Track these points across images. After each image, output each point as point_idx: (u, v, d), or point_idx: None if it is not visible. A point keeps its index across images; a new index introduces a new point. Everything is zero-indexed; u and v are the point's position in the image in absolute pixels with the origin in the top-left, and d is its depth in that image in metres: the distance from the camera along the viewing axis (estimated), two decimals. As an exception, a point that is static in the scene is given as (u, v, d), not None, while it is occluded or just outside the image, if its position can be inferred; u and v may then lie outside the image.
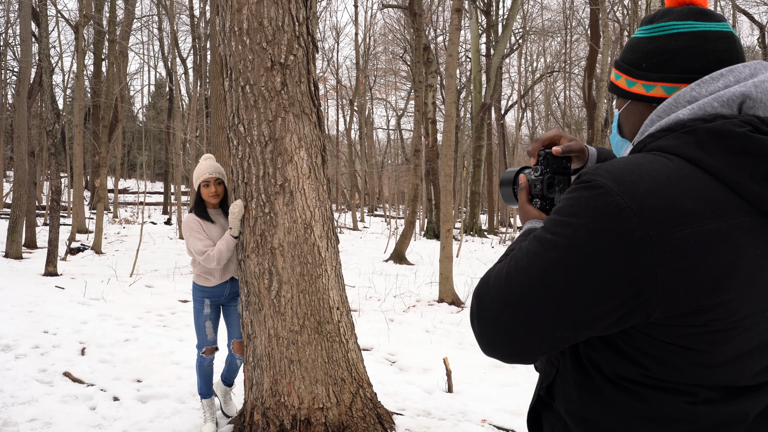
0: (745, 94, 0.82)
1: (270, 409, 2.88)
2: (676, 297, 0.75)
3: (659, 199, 0.75)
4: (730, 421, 0.82)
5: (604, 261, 0.76)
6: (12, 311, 5.56)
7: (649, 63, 0.91)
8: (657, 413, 0.83)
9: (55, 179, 8.22)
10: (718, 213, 0.76)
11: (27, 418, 3.38)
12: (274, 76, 2.82)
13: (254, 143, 2.84)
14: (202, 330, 3.29)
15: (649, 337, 0.81)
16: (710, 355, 0.80)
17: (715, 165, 0.78)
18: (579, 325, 0.81)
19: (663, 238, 0.74)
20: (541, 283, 0.81)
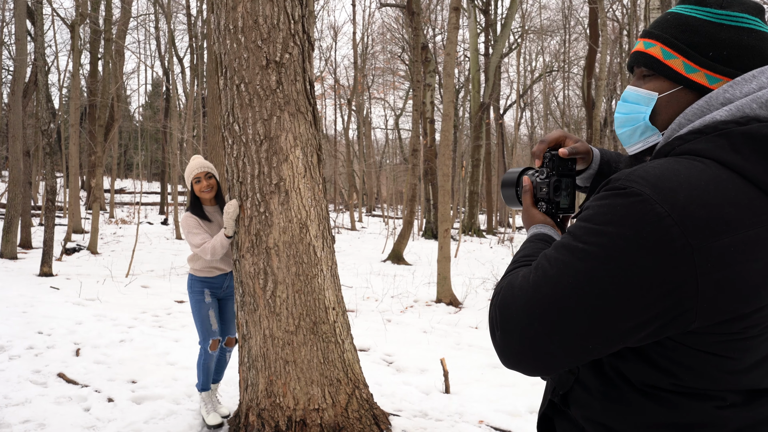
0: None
1: (265, 410, 2.85)
2: (715, 306, 0.73)
3: (699, 208, 0.73)
4: (754, 424, 0.81)
5: (643, 271, 0.73)
6: (6, 312, 5.52)
7: (719, 53, 0.84)
8: (685, 419, 0.81)
9: (51, 179, 8.18)
10: (757, 220, 0.74)
11: (20, 420, 3.35)
12: (269, 74, 2.79)
13: (249, 142, 2.81)
14: (206, 320, 3.27)
15: (684, 346, 0.79)
16: (740, 361, 0.79)
17: (752, 170, 0.76)
18: (613, 337, 0.78)
19: (704, 247, 0.72)
20: (573, 295, 0.77)
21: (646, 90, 0.92)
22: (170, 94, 23.06)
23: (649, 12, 9.91)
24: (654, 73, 0.91)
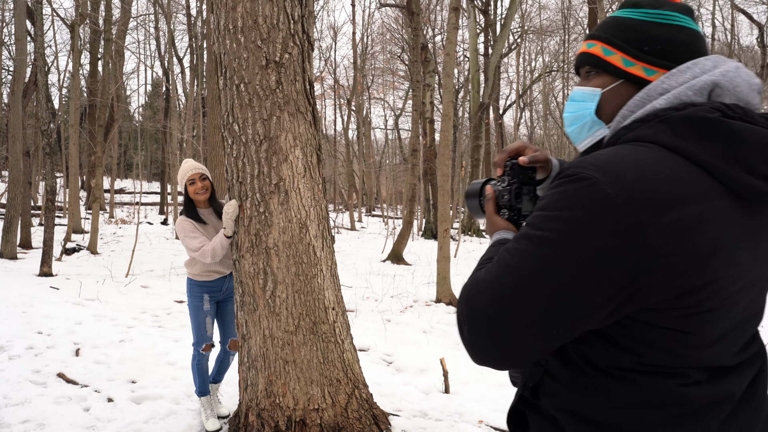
0: (714, 83, 0.86)
1: (265, 410, 2.85)
2: (668, 279, 0.77)
3: (646, 187, 0.77)
4: (718, 402, 0.84)
5: (598, 251, 0.77)
6: (6, 312, 5.52)
7: (654, 48, 0.91)
8: (650, 398, 0.83)
9: (51, 179, 8.17)
10: (700, 196, 0.79)
11: (20, 420, 3.35)
12: (269, 74, 2.79)
13: (249, 142, 2.81)
14: (202, 326, 3.28)
15: (643, 324, 0.82)
16: (700, 336, 0.82)
17: (691, 150, 0.81)
18: (577, 319, 0.80)
19: (653, 223, 0.76)
20: (534, 281, 0.80)
21: (591, 87, 0.98)
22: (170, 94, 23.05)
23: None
24: (597, 70, 0.97)
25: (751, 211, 0.84)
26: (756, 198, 0.83)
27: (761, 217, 0.86)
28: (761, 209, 0.86)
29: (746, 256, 0.83)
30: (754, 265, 0.85)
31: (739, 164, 0.81)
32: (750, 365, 0.89)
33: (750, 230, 0.83)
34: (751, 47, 28.65)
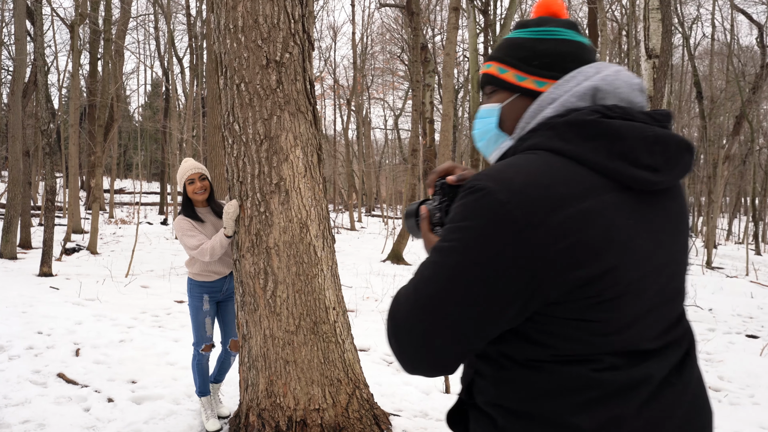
0: (595, 87, 0.93)
1: (265, 411, 2.85)
2: (565, 273, 0.82)
3: (534, 189, 0.83)
4: (634, 385, 0.87)
5: (497, 254, 0.82)
6: (6, 312, 5.51)
7: (542, 62, 0.99)
8: (566, 385, 0.87)
9: (50, 179, 8.16)
10: (587, 193, 0.84)
11: (20, 420, 3.34)
12: (269, 74, 2.79)
13: (249, 142, 2.81)
14: (201, 327, 3.27)
15: (551, 317, 0.86)
16: (607, 323, 0.86)
17: (576, 151, 0.87)
18: (488, 320, 0.86)
19: (544, 222, 0.81)
20: (446, 289, 0.86)
21: (491, 104, 1.07)
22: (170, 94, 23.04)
23: (649, 12, 9.91)
24: (495, 88, 1.06)
25: (647, 200, 0.90)
26: (647, 187, 0.88)
27: (659, 204, 0.92)
28: (658, 197, 0.92)
29: (647, 243, 0.88)
30: (658, 251, 0.90)
31: (623, 159, 0.86)
32: (674, 348, 0.93)
33: (648, 218, 0.89)
34: (751, 47, 28.65)
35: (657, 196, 0.92)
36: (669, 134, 0.90)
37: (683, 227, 0.97)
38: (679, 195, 0.98)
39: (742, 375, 4.63)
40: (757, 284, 11.06)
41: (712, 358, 5.16)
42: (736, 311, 7.68)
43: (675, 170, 0.90)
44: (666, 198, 0.94)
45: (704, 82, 22.67)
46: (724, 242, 27.45)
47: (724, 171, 19.01)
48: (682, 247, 0.96)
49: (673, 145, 0.90)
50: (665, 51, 7.10)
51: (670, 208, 0.94)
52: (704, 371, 4.71)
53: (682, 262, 0.97)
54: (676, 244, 0.94)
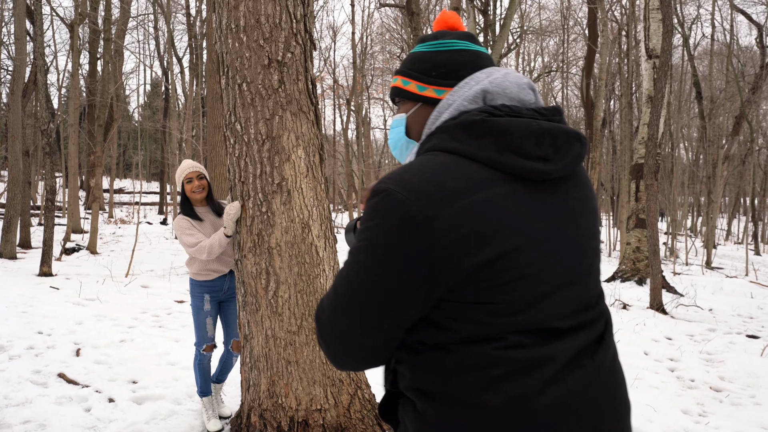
0: (484, 90, 1.01)
1: (267, 411, 2.84)
2: (461, 260, 0.89)
3: (429, 187, 0.91)
4: (540, 363, 0.92)
5: (400, 248, 0.90)
6: (6, 312, 5.50)
7: (439, 71, 1.08)
8: (472, 364, 0.93)
9: (50, 179, 8.15)
10: (478, 186, 0.92)
11: (21, 420, 3.34)
12: (271, 73, 2.78)
13: (251, 141, 2.80)
14: (203, 327, 3.27)
15: (454, 303, 0.93)
16: (508, 304, 0.92)
17: (468, 149, 0.95)
18: (399, 311, 0.93)
19: (439, 215, 0.89)
20: (359, 285, 0.93)
21: (400, 114, 1.16)
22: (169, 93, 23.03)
23: (649, 12, 9.91)
24: (401, 99, 1.15)
25: (543, 189, 0.97)
26: (539, 177, 0.96)
27: (557, 192, 0.99)
28: (555, 185, 0.99)
29: (543, 228, 0.94)
30: (557, 235, 0.96)
31: (513, 152, 0.94)
32: (586, 330, 0.99)
33: (545, 206, 0.96)
34: (750, 47, 28.65)
35: (554, 185, 0.99)
36: (556, 126, 0.98)
37: (587, 213, 1.03)
38: (581, 183, 1.05)
39: (743, 375, 4.63)
40: (757, 284, 11.06)
41: (712, 358, 5.16)
42: (736, 311, 7.68)
43: (565, 159, 0.98)
44: (564, 186, 1.01)
45: (704, 83, 22.68)
46: (723, 242, 27.47)
47: (724, 171, 19.02)
48: (586, 232, 1.02)
49: (561, 136, 0.98)
50: (666, 51, 7.09)
51: (570, 195, 1.01)
52: (705, 371, 4.71)
53: (589, 246, 1.02)
54: (579, 228, 1.01)
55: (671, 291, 8.98)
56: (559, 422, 0.91)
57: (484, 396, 0.92)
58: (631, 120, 17.27)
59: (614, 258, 16.98)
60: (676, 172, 22.64)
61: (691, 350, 5.38)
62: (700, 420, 3.66)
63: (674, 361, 4.99)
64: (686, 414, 3.77)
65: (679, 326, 6.44)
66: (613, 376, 1.00)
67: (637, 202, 9.89)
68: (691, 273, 13.20)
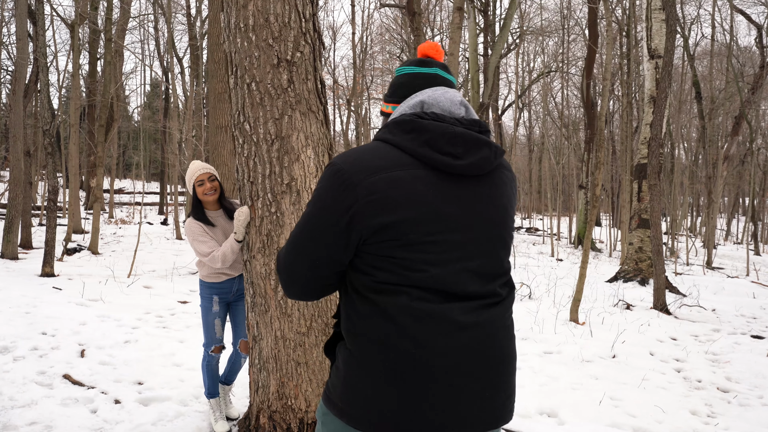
0: (421, 101, 1.30)
1: (277, 413, 2.82)
2: (372, 218, 1.18)
3: (361, 161, 1.22)
4: (437, 317, 1.18)
5: (331, 203, 1.22)
6: (9, 312, 5.48)
7: (396, 92, 1.40)
8: (385, 311, 1.19)
9: (52, 179, 8.12)
10: (398, 166, 1.21)
11: (27, 422, 3.32)
12: (280, 73, 2.77)
13: (260, 141, 2.79)
14: (211, 328, 3.25)
15: (369, 253, 1.22)
16: (410, 261, 1.19)
17: (396, 140, 1.25)
18: (330, 251, 1.23)
19: (362, 182, 1.19)
20: (302, 230, 1.27)
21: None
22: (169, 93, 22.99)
23: (651, 12, 9.90)
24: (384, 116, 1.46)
25: (456, 180, 1.23)
26: (449, 169, 1.22)
27: (469, 185, 1.25)
28: (465, 180, 1.25)
29: (447, 208, 1.20)
30: (460, 218, 1.22)
31: (430, 147, 1.21)
32: (483, 298, 1.24)
33: (452, 192, 1.22)
34: (749, 48, 28.64)
35: (466, 180, 1.25)
36: (469, 133, 1.24)
37: (495, 207, 1.28)
38: (495, 185, 1.29)
39: (750, 376, 4.62)
40: (759, 284, 11.06)
41: (718, 359, 5.15)
42: (739, 311, 7.67)
43: (472, 159, 1.23)
44: (475, 183, 1.26)
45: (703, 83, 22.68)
46: (723, 242, 27.47)
47: (723, 171, 19.02)
48: (490, 221, 1.26)
49: (471, 141, 1.24)
50: (669, 51, 7.08)
51: (480, 190, 1.26)
52: (712, 372, 4.70)
53: (492, 232, 1.27)
54: (483, 217, 1.25)
55: (674, 291, 8.97)
56: (449, 363, 1.17)
57: (393, 339, 1.18)
58: (630, 120, 17.25)
59: (615, 258, 16.97)
60: (676, 172, 22.64)
61: (696, 351, 5.37)
62: (709, 421, 3.65)
63: (680, 362, 4.98)
64: (695, 415, 3.76)
65: (683, 326, 6.43)
66: (500, 335, 1.25)
67: (639, 203, 9.88)
68: (693, 273, 13.20)
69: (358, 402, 1.21)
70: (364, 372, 1.21)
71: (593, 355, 4.98)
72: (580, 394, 3.99)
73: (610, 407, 3.77)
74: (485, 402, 1.21)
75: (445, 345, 1.17)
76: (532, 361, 4.75)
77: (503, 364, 1.25)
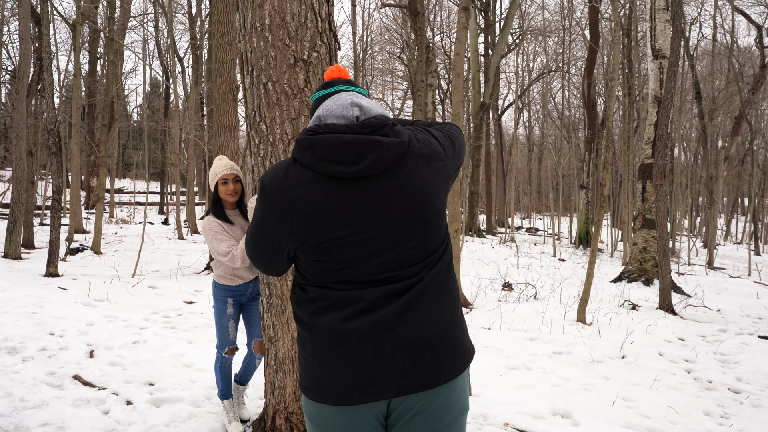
0: (318, 116, 1.45)
1: (294, 414, 2.81)
2: (292, 232, 1.38)
3: (275, 180, 1.41)
4: (351, 300, 1.38)
5: (261, 215, 1.44)
6: (16, 312, 5.45)
7: (311, 120, 1.52)
8: (312, 298, 1.43)
9: (57, 179, 8.10)
10: (302, 183, 1.37)
11: (39, 423, 3.30)
12: (297, 73, 2.75)
13: (276, 141, 2.77)
14: (225, 330, 3.22)
15: (300, 259, 1.45)
16: (333, 263, 1.38)
17: (300, 157, 1.39)
18: (267, 251, 1.47)
19: (277, 200, 1.39)
20: (250, 233, 1.52)
21: None
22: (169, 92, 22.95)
23: (655, 12, 9.90)
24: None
25: (355, 183, 1.35)
26: (348, 175, 1.34)
27: (370, 184, 1.35)
28: (368, 180, 1.35)
29: (354, 214, 1.34)
30: (367, 217, 1.34)
31: (325, 159, 1.34)
32: (400, 281, 1.38)
33: (357, 195, 1.34)
34: (749, 48, 28.67)
35: (368, 180, 1.35)
36: (358, 138, 1.34)
37: (403, 197, 1.36)
38: (404, 173, 1.37)
39: (760, 377, 4.62)
40: (762, 285, 11.06)
41: (727, 359, 5.15)
42: (744, 312, 7.67)
43: (368, 161, 1.33)
44: (379, 180, 1.35)
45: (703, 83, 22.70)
46: (722, 242, 27.51)
47: (723, 171, 19.03)
48: (400, 211, 1.36)
49: (363, 145, 1.33)
50: (675, 51, 7.07)
51: (385, 185, 1.35)
52: (722, 372, 4.70)
53: (405, 222, 1.37)
54: (392, 209, 1.35)
55: (678, 291, 8.98)
56: (363, 340, 1.35)
57: (317, 319, 1.41)
58: (631, 120, 17.25)
59: (616, 258, 16.97)
60: (676, 172, 22.66)
61: (705, 351, 5.37)
62: (723, 422, 3.65)
63: (689, 362, 4.98)
64: (708, 416, 3.75)
65: (690, 327, 6.43)
66: (422, 313, 1.38)
67: (643, 203, 9.88)
68: (695, 273, 13.20)
69: (303, 373, 1.47)
70: (302, 348, 1.48)
71: (603, 356, 4.97)
72: (592, 395, 3.98)
73: (624, 408, 3.77)
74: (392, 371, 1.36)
75: (359, 323, 1.36)
76: (542, 361, 4.74)
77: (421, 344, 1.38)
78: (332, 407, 1.39)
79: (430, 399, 1.39)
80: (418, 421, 1.40)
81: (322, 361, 1.40)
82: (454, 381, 1.42)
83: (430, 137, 1.49)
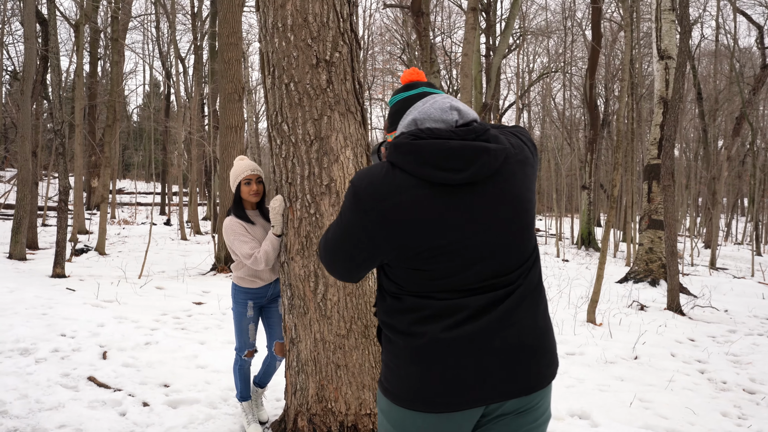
0: (413, 118, 1.40)
1: (317, 416, 2.80)
2: (389, 241, 1.34)
3: (372, 185, 1.35)
4: (454, 309, 1.34)
5: (351, 220, 1.38)
6: (26, 314, 5.43)
7: (390, 122, 1.53)
8: (412, 307, 1.38)
9: (63, 179, 8.08)
10: (403, 189, 1.32)
11: (56, 424, 3.29)
12: (319, 73, 2.74)
13: (299, 142, 2.76)
14: (245, 333, 3.21)
15: (396, 267, 1.39)
16: (433, 272, 1.34)
17: (399, 162, 1.34)
18: (356, 258, 1.41)
19: (374, 207, 1.33)
20: (334, 237, 1.45)
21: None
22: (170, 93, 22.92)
23: (661, 12, 9.90)
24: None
25: (459, 190, 1.31)
26: (452, 183, 1.30)
27: (473, 190, 1.32)
28: (473, 186, 1.32)
29: (458, 221, 1.31)
30: (470, 224, 1.31)
31: (430, 165, 1.29)
32: (500, 288, 1.36)
33: (461, 202, 1.31)
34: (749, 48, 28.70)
35: (473, 186, 1.32)
36: (466, 145, 1.30)
37: (506, 202, 1.34)
38: (505, 179, 1.35)
39: (774, 377, 4.61)
40: (766, 285, 11.06)
41: (739, 360, 5.15)
42: (752, 312, 7.67)
43: (474, 169, 1.30)
44: (483, 186, 1.33)
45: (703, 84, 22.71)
46: (723, 243, 27.53)
47: (724, 171, 19.04)
48: (500, 218, 1.34)
49: (469, 152, 1.29)
50: (683, 52, 7.07)
51: (488, 192, 1.33)
52: (735, 373, 4.69)
53: (510, 230, 1.35)
54: (493, 217, 1.33)
55: (685, 292, 8.97)
56: (466, 348, 1.33)
57: (417, 328, 1.36)
58: (633, 121, 17.26)
59: (619, 259, 16.97)
60: (677, 172, 22.67)
61: (716, 352, 5.37)
62: (741, 423, 3.64)
63: (702, 363, 4.97)
64: (726, 417, 3.74)
65: (699, 328, 6.43)
66: (525, 318, 1.37)
67: (649, 203, 9.88)
68: (698, 274, 13.21)
69: (394, 381, 1.41)
70: (394, 355, 1.42)
71: (615, 357, 4.97)
72: (608, 396, 3.97)
73: (641, 409, 3.76)
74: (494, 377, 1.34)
75: (461, 331, 1.33)
76: (555, 362, 4.73)
77: (522, 349, 1.37)
78: (425, 414, 1.36)
79: (525, 403, 1.39)
80: (511, 426, 1.40)
81: (420, 369, 1.35)
82: (549, 386, 1.43)
83: (521, 143, 1.46)
